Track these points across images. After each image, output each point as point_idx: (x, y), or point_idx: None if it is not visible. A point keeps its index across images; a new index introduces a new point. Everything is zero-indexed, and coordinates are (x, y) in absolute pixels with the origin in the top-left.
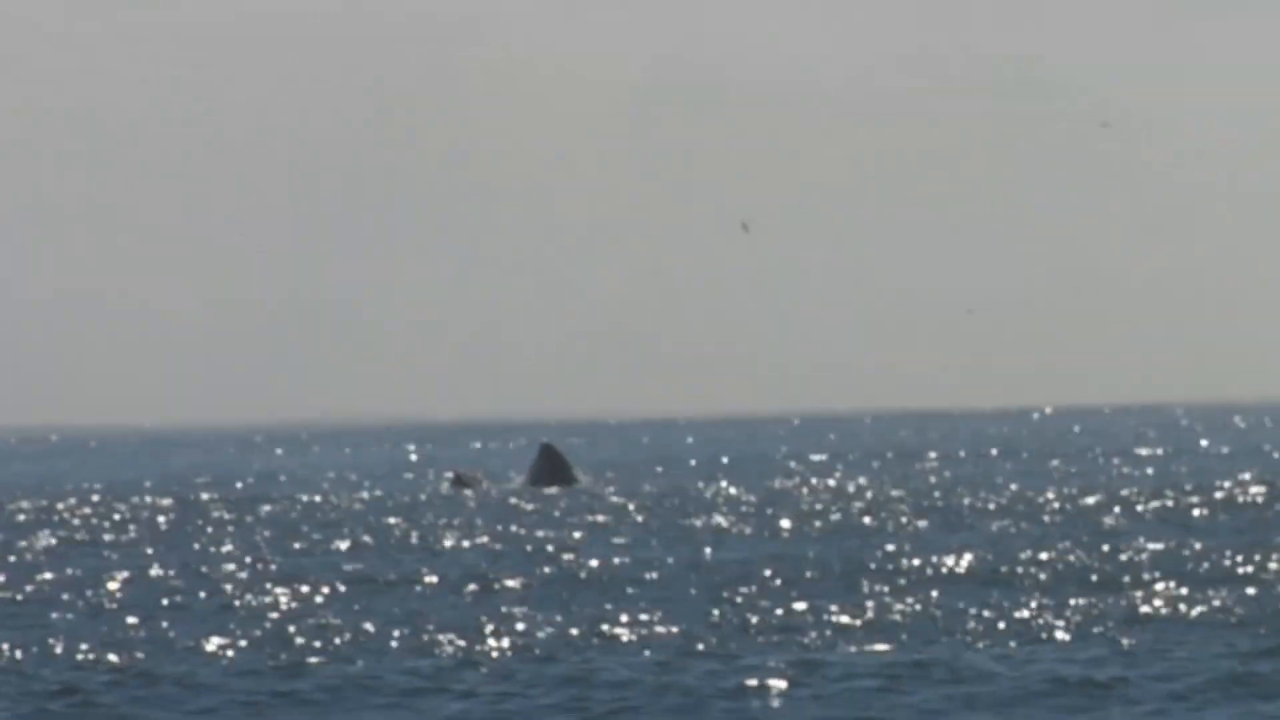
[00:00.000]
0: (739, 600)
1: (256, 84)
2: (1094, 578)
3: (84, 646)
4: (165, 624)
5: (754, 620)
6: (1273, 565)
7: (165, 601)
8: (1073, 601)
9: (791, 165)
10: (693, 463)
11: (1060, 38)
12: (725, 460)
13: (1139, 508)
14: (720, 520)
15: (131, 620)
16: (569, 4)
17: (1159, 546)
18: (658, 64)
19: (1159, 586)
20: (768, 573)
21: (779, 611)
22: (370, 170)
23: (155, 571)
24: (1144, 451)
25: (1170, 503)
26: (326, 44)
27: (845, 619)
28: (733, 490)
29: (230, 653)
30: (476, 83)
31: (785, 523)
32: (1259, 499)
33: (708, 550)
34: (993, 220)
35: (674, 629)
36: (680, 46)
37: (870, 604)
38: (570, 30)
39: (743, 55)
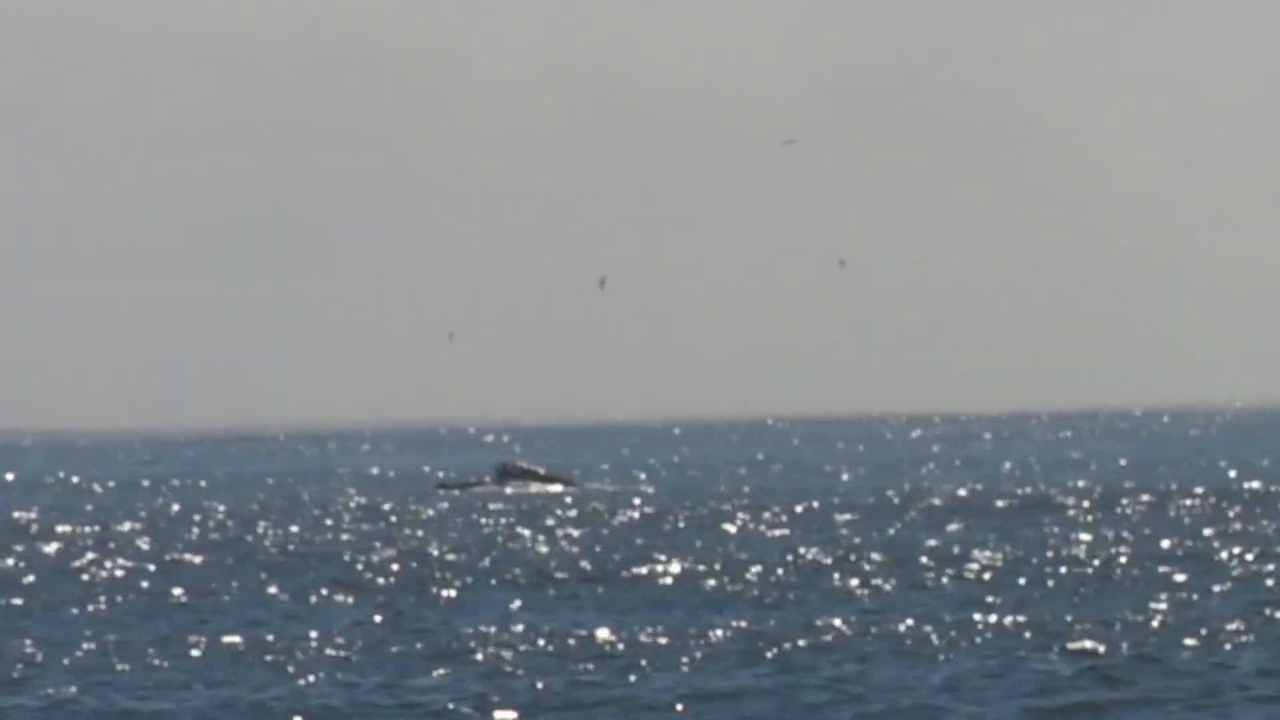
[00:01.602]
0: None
1: (208, 97)
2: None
3: None
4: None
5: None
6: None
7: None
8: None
9: (737, 173)
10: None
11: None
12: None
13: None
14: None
15: None
16: (519, 14)
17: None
18: (615, 71)
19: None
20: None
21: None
22: (336, 179)
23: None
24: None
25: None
26: (274, 59)
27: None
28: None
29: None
30: (429, 94)
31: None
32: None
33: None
34: (931, 225)
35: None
36: (633, 57)
37: None
38: (519, 39)
39: (698, 65)
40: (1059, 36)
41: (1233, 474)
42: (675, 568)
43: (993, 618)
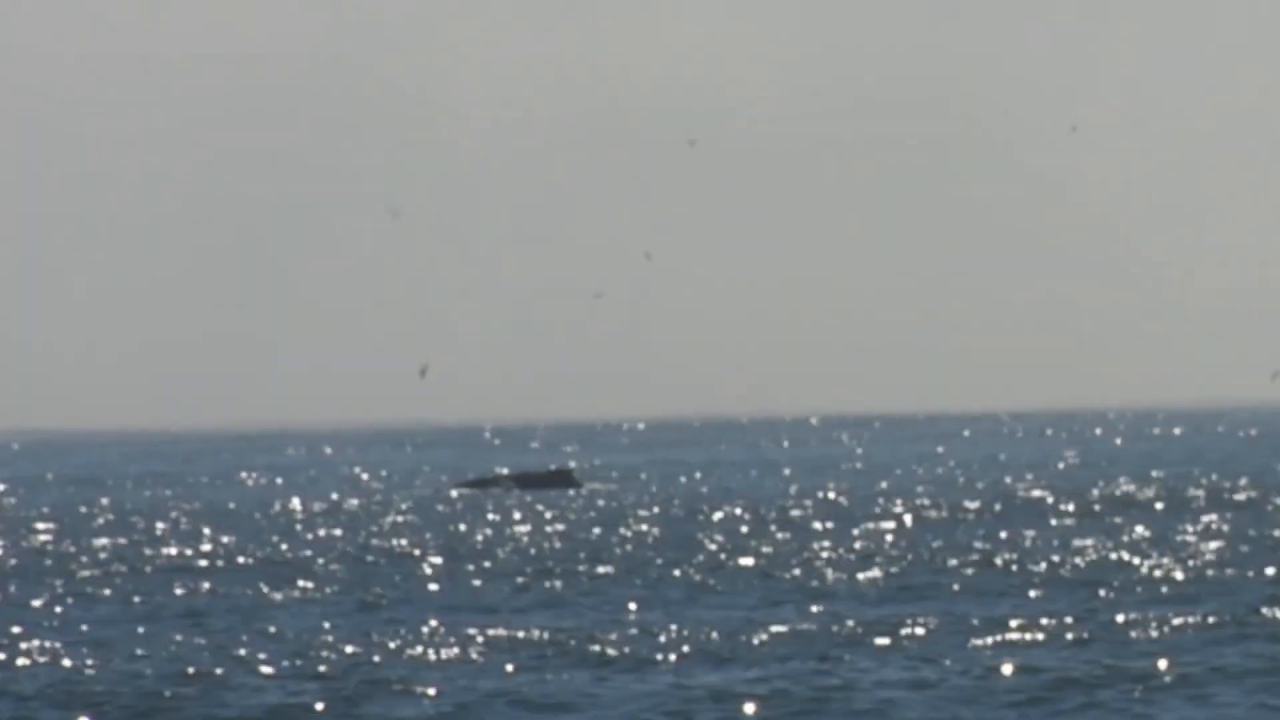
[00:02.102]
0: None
1: (206, 100)
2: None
3: None
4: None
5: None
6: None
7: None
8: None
9: (736, 176)
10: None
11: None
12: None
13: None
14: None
15: None
16: (495, 29)
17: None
18: (590, 82)
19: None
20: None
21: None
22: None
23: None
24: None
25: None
26: (273, 67)
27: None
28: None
29: None
30: (428, 96)
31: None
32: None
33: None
34: (911, 233)
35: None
36: (614, 70)
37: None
38: (491, 54)
39: (674, 80)
40: (1059, 36)
41: (1227, 474)
42: (671, 566)
43: (975, 616)
